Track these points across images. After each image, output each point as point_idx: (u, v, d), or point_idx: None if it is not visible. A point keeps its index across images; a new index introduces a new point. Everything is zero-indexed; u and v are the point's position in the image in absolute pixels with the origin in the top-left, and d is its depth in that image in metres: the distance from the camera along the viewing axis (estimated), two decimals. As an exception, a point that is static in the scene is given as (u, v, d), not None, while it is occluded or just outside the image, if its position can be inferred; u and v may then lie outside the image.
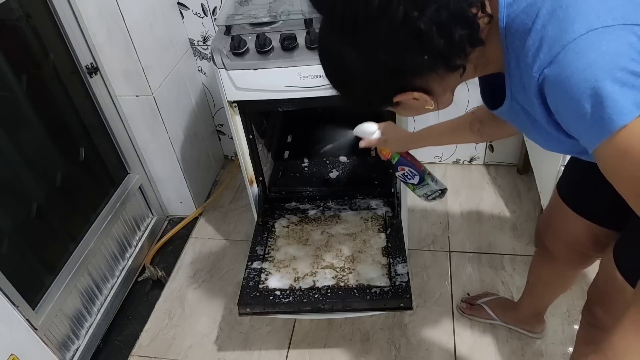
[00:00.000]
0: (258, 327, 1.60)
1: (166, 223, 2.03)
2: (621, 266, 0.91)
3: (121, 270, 1.75)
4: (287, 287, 1.32)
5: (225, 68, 1.25)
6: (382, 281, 1.30)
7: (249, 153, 1.47)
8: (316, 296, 1.28)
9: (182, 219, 2.00)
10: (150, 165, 1.86)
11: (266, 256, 1.41)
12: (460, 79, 0.71)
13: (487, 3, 0.66)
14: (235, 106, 1.35)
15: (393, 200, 1.53)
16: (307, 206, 1.58)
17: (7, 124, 1.30)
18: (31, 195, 1.39)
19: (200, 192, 2.07)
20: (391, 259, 1.36)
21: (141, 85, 1.64)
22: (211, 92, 2.09)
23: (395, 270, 1.32)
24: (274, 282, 1.34)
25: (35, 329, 1.28)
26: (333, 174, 1.70)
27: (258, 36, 1.24)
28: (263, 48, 1.23)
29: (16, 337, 1.21)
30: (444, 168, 2.14)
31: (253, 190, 1.55)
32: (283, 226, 1.52)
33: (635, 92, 0.55)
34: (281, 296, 1.30)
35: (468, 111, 1.07)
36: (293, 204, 1.59)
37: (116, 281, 1.71)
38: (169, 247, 1.93)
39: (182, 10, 1.84)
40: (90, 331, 1.55)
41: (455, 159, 2.15)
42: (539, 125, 0.71)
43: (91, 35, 1.52)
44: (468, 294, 1.61)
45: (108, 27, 1.51)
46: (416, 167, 1.20)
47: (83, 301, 1.54)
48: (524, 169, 2.03)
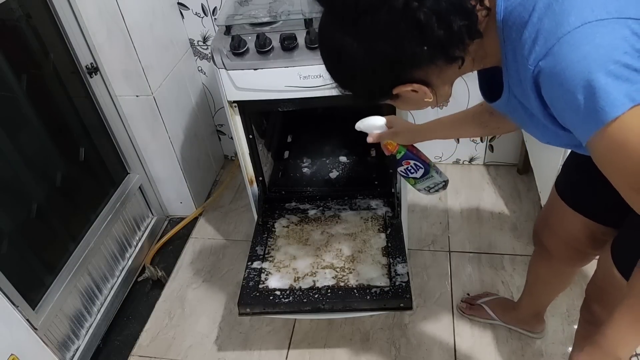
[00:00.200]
0: (258, 327, 1.60)
1: (166, 223, 2.03)
2: (619, 263, 0.91)
3: (121, 270, 1.75)
4: (287, 287, 1.32)
5: (225, 68, 1.25)
6: (382, 281, 1.30)
7: (249, 153, 1.47)
8: (316, 296, 1.28)
9: (182, 219, 2.00)
10: (150, 165, 1.86)
11: (266, 256, 1.41)
12: (458, 72, 0.72)
13: None
14: (235, 106, 1.35)
15: (393, 200, 1.53)
16: (307, 206, 1.58)
17: (7, 124, 1.30)
18: (31, 195, 1.39)
19: (200, 192, 2.07)
20: (391, 259, 1.36)
21: (141, 85, 1.64)
22: (211, 92, 2.09)
23: (395, 270, 1.32)
24: (274, 282, 1.34)
25: (35, 329, 1.28)
26: (333, 174, 1.70)
27: (258, 36, 1.24)
28: (263, 48, 1.23)
29: (16, 337, 1.21)
30: (444, 168, 2.10)
31: (253, 190, 1.55)
32: (283, 226, 1.52)
33: (628, 85, 0.56)
34: (281, 296, 1.30)
35: (477, 104, 1.04)
36: (293, 204, 1.59)
37: (116, 281, 1.71)
38: (169, 247, 1.93)
39: (182, 10, 1.84)
40: (90, 331, 1.55)
41: (455, 159, 2.15)
42: (536, 118, 0.71)
43: (91, 35, 1.52)
44: (468, 294, 1.61)
45: (108, 27, 1.52)
46: (422, 160, 1.17)
47: (83, 301, 1.54)
48: (524, 169, 2.03)
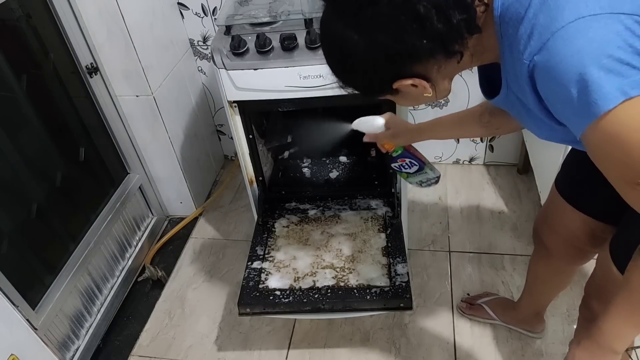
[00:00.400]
0: (258, 327, 1.60)
1: (166, 223, 2.03)
2: (617, 261, 0.92)
3: (121, 270, 1.75)
4: (287, 287, 1.32)
5: (225, 68, 1.25)
6: (382, 281, 1.30)
7: (249, 153, 1.47)
8: (316, 296, 1.28)
9: (182, 219, 2.00)
10: (150, 165, 1.86)
11: (266, 256, 1.41)
12: (458, 67, 0.73)
13: None
14: (235, 106, 1.35)
15: (393, 200, 1.53)
16: (307, 206, 1.58)
17: (7, 124, 1.30)
18: (31, 195, 1.39)
19: (200, 192, 2.07)
20: (391, 259, 1.36)
21: (141, 85, 1.64)
22: (211, 92, 2.09)
23: (395, 270, 1.32)
24: (274, 282, 1.34)
25: (35, 329, 1.28)
26: (333, 174, 1.70)
27: (258, 36, 1.24)
28: (263, 48, 1.23)
29: (16, 337, 1.21)
30: (444, 168, 2.13)
31: (253, 190, 1.55)
32: (283, 226, 1.52)
33: (620, 79, 0.56)
34: (281, 296, 1.30)
35: (477, 104, 1.05)
36: (293, 204, 1.59)
37: (116, 281, 1.71)
38: (169, 247, 1.93)
39: (182, 10, 1.84)
40: (90, 331, 1.55)
41: (455, 159, 2.15)
42: (533, 113, 0.72)
43: (91, 35, 1.52)
44: (468, 294, 1.61)
45: (108, 27, 1.51)
46: (418, 159, 1.18)
47: (83, 301, 1.54)
48: (524, 169, 2.03)
